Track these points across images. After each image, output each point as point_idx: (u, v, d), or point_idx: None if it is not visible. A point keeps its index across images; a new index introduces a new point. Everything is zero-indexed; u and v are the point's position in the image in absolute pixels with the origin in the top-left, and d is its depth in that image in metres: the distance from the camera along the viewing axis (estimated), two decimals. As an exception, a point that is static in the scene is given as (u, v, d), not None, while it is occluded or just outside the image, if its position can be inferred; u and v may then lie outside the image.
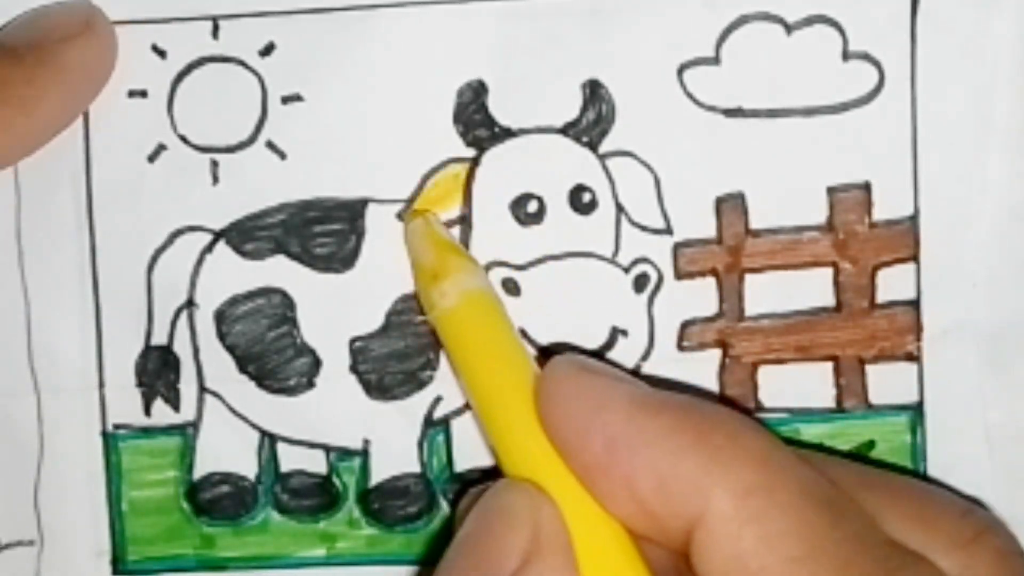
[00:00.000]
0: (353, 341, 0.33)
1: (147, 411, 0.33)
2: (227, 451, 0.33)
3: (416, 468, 0.33)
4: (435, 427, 0.33)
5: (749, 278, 0.32)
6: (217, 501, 0.34)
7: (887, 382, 0.32)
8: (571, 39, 0.32)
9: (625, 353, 0.32)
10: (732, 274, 0.32)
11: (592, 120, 0.32)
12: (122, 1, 0.32)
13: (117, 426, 0.34)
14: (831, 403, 0.33)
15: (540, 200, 0.32)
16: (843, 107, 0.32)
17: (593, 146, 0.32)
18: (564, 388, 0.27)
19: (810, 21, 0.32)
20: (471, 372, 0.30)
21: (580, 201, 0.32)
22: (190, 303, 0.33)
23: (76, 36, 0.31)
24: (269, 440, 0.33)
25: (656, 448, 0.26)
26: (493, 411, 0.29)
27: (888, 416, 0.32)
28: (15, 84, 0.30)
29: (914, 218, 0.32)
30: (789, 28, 0.32)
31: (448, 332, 0.30)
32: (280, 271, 0.33)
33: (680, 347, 0.33)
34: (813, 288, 0.32)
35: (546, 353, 0.32)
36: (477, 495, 0.28)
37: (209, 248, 0.33)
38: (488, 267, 0.32)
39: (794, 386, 0.33)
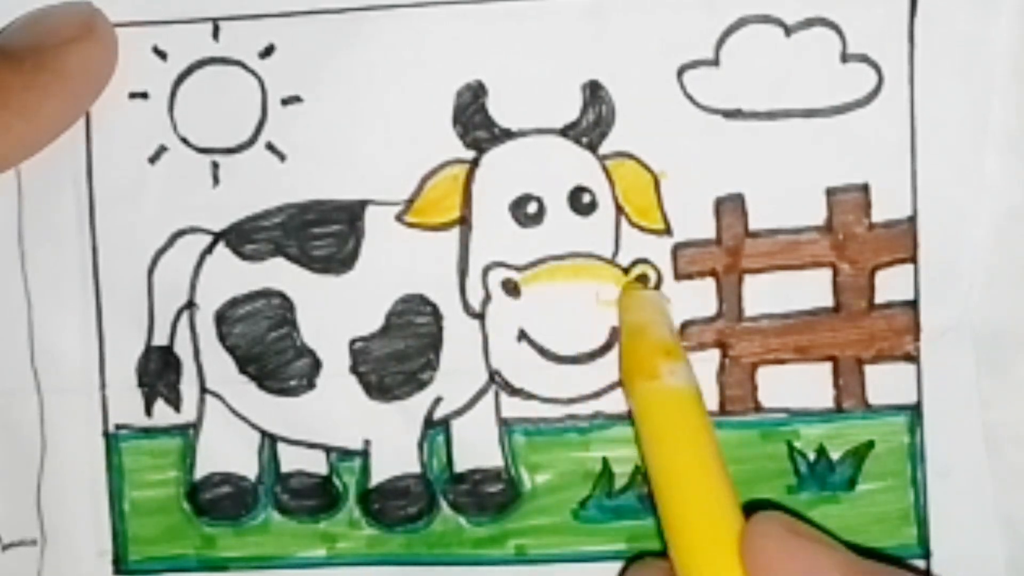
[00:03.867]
0: (353, 342, 0.33)
1: (148, 412, 0.34)
2: (228, 451, 0.34)
3: (416, 468, 0.33)
4: (435, 428, 0.33)
5: (748, 279, 0.32)
6: (218, 501, 0.34)
7: (885, 383, 0.32)
8: (571, 40, 0.32)
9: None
10: (731, 275, 0.32)
11: (592, 121, 0.32)
12: (123, 3, 0.32)
13: (119, 426, 0.34)
14: (830, 403, 0.33)
15: (540, 201, 0.32)
16: (842, 109, 0.32)
17: (593, 147, 0.32)
18: (772, 547, 0.27)
19: (809, 23, 0.32)
20: (670, 469, 0.29)
21: (580, 202, 0.32)
22: (191, 304, 0.33)
23: (77, 39, 0.31)
24: (270, 441, 0.34)
25: None
26: (687, 529, 0.29)
27: (887, 416, 0.32)
28: (15, 88, 0.30)
29: (912, 219, 0.32)
30: (788, 30, 0.32)
31: (662, 411, 0.30)
32: (279, 273, 0.33)
33: (679, 347, 0.33)
34: (812, 289, 0.32)
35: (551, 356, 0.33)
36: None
37: (209, 250, 0.33)
38: (488, 268, 0.33)
39: (793, 386, 0.33)
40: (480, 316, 0.33)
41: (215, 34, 0.32)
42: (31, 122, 0.31)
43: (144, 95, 0.33)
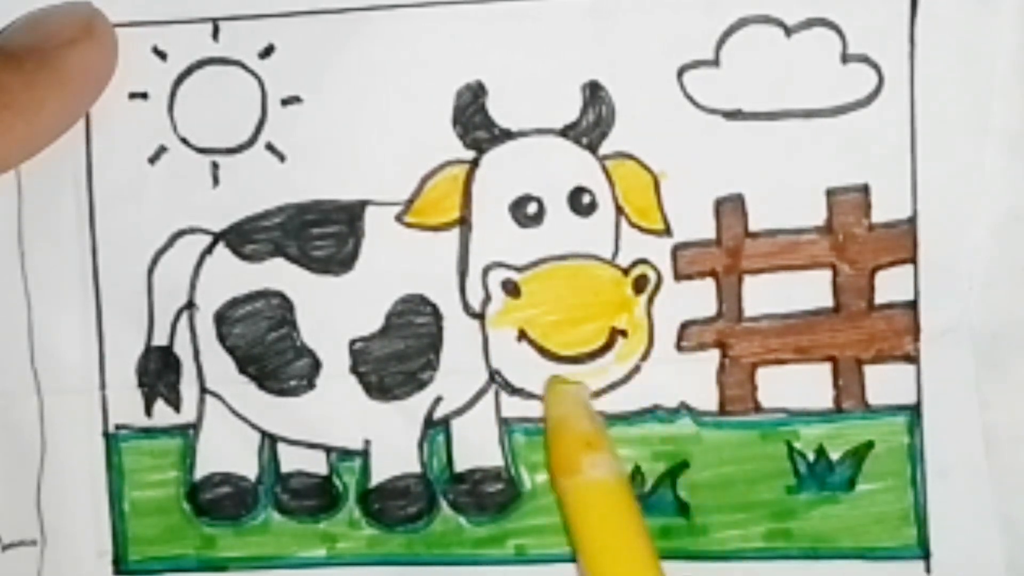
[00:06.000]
0: (353, 342, 0.33)
1: (148, 412, 0.34)
2: (228, 452, 0.34)
3: (416, 468, 0.33)
4: (435, 427, 0.33)
5: (748, 279, 0.33)
6: (218, 501, 0.34)
7: (885, 383, 0.32)
8: (571, 40, 0.32)
9: (624, 354, 0.33)
10: (731, 275, 0.33)
11: (592, 122, 0.32)
12: (123, 3, 0.32)
13: (118, 427, 0.34)
14: (829, 404, 0.33)
15: (540, 202, 0.32)
16: (842, 109, 0.32)
17: (593, 148, 0.32)
18: None
19: (809, 24, 0.32)
20: (600, 560, 0.30)
21: (580, 203, 0.32)
22: (190, 304, 0.33)
23: (77, 40, 0.31)
24: (270, 441, 0.34)
25: None
26: None
27: (886, 417, 0.33)
28: (15, 89, 0.30)
29: (912, 220, 0.32)
30: (788, 30, 0.32)
31: (588, 504, 0.31)
32: (279, 273, 0.33)
33: (679, 348, 0.33)
34: (811, 289, 0.32)
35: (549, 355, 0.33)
36: None
37: (209, 250, 0.33)
38: (488, 268, 0.33)
39: (792, 387, 0.33)
40: (480, 316, 0.33)
41: (215, 34, 0.32)
42: (31, 123, 0.31)
43: (144, 95, 0.33)
